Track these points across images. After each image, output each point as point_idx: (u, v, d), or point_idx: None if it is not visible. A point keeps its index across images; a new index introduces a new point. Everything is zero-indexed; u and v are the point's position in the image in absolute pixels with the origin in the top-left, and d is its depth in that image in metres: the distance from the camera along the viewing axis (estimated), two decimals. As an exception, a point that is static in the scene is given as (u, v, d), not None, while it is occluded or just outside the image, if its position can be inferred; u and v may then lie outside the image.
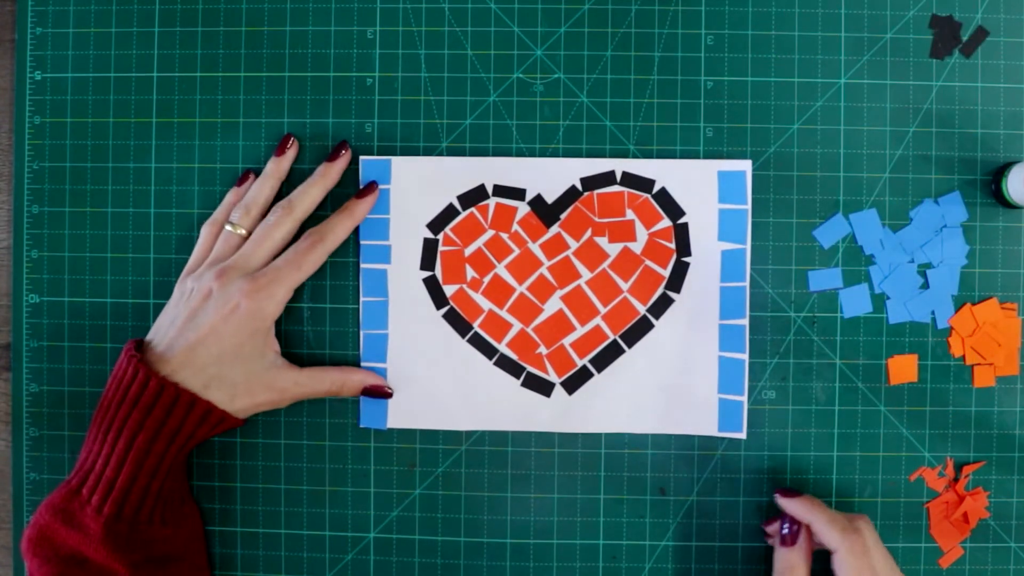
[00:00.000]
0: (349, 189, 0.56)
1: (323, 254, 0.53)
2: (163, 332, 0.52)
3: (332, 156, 0.55)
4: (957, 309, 0.55)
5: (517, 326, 0.56)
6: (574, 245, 0.55)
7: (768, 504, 0.55)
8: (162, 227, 0.57)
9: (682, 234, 0.55)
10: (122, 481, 0.49)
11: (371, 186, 0.55)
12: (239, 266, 0.52)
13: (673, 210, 0.55)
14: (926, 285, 0.55)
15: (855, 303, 0.55)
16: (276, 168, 0.55)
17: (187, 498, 0.55)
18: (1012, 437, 0.55)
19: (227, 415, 0.51)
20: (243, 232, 0.54)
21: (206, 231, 0.55)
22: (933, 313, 0.55)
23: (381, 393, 0.55)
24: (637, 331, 0.55)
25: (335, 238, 0.54)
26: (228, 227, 0.54)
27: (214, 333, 0.50)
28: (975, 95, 0.55)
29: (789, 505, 0.51)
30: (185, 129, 0.57)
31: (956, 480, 0.55)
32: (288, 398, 0.53)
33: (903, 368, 0.55)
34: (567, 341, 0.56)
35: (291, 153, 0.56)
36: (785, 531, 0.51)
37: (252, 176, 0.56)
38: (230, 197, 0.56)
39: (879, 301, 0.55)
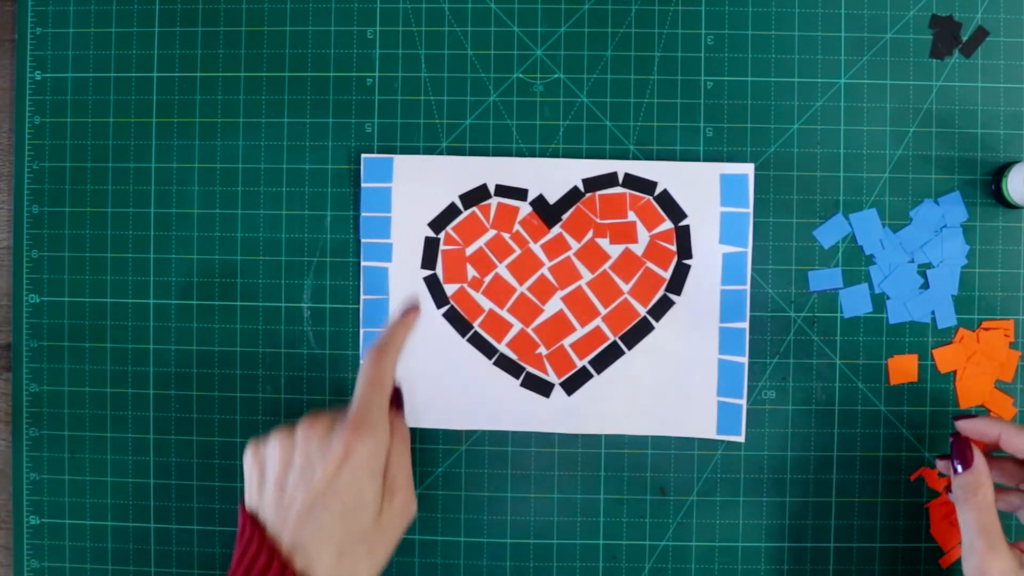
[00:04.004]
0: (346, 188, 0.56)
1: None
2: None
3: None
4: (955, 329, 0.55)
5: (517, 326, 0.56)
6: (575, 246, 0.55)
7: (769, 503, 0.55)
8: (162, 227, 0.57)
9: (683, 236, 0.55)
10: None
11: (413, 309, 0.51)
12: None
13: (675, 212, 0.55)
14: (926, 285, 0.55)
15: (855, 303, 0.55)
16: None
17: None
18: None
19: None
20: None
21: None
22: (933, 313, 0.55)
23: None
24: (637, 333, 0.55)
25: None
26: None
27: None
28: (975, 95, 0.55)
29: (970, 425, 0.49)
30: (185, 129, 0.57)
31: (955, 480, 0.55)
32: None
33: (903, 368, 0.55)
34: (567, 342, 0.56)
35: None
36: (956, 462, 0.48)
37: None
38: None
39: (879, 301, 0.55)
